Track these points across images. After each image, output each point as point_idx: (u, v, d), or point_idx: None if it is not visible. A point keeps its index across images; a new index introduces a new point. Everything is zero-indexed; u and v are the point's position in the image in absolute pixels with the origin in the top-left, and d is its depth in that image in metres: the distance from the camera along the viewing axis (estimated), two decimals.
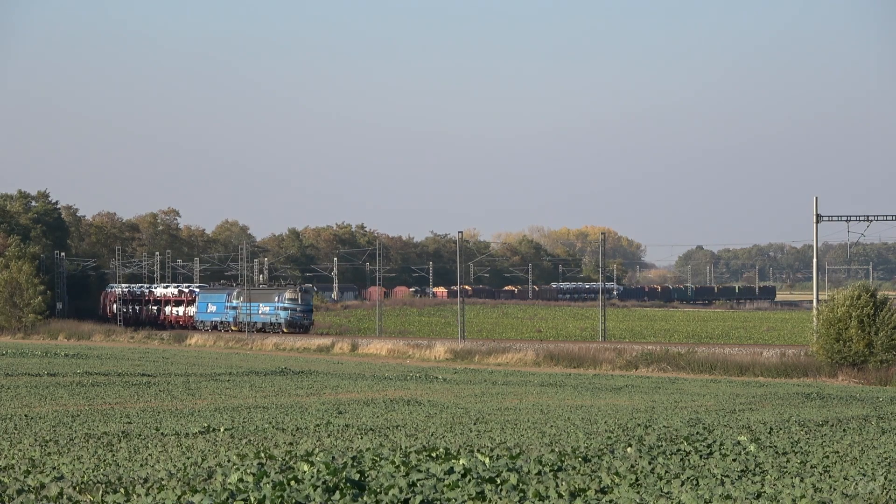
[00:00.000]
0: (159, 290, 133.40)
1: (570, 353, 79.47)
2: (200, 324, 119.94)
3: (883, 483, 22.04)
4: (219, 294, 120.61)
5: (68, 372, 60.05)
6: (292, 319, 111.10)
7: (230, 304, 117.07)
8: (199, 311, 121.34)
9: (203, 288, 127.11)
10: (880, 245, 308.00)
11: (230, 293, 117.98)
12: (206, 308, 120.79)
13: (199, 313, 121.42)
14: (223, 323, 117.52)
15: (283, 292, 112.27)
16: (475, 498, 20.05)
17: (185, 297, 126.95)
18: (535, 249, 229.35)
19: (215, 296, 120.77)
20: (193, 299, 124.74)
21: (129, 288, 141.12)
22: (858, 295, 66.24)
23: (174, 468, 23.85)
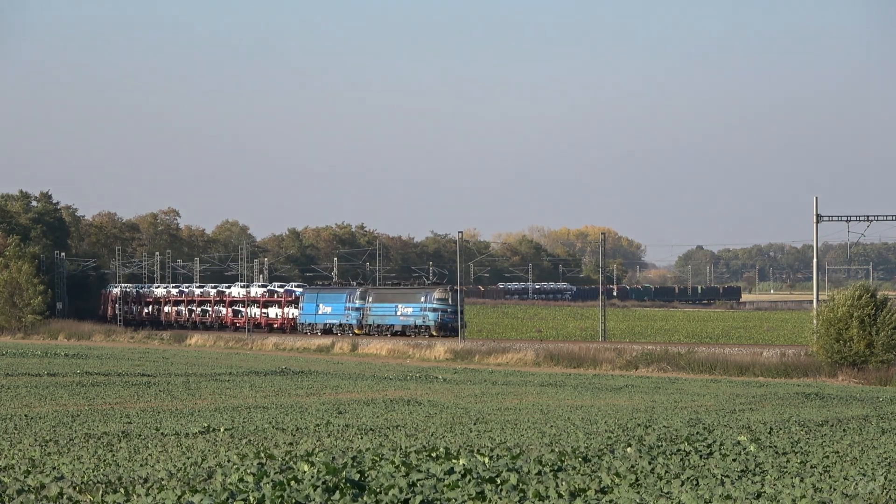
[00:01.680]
0: (235, 290, 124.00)
1: (570, 353, 79.47)
2: (307, 327, 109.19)
3: (883, 483, 22.03)
4: (335, 293, 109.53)
5: (68, 372, 60.04)
6: (443, 321, 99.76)
7: (352, 305, 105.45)
8: (305, 313, 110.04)
9: (308, 288, 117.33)
10: (880, 245, 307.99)
11: (352, 293, 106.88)
12: (314, 309, 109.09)
13: (304, 315, 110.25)
14: (342, 326, 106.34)
15: (431, 291, 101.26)
16: (475, 498, 20.04)
17: (278, 298, 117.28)
18: (535, 249, 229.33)
19: (330, 295, 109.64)
20: (293, 300, 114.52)
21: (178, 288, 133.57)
22: (859, 295, 66.23)
23: (174, 468, 23.85)
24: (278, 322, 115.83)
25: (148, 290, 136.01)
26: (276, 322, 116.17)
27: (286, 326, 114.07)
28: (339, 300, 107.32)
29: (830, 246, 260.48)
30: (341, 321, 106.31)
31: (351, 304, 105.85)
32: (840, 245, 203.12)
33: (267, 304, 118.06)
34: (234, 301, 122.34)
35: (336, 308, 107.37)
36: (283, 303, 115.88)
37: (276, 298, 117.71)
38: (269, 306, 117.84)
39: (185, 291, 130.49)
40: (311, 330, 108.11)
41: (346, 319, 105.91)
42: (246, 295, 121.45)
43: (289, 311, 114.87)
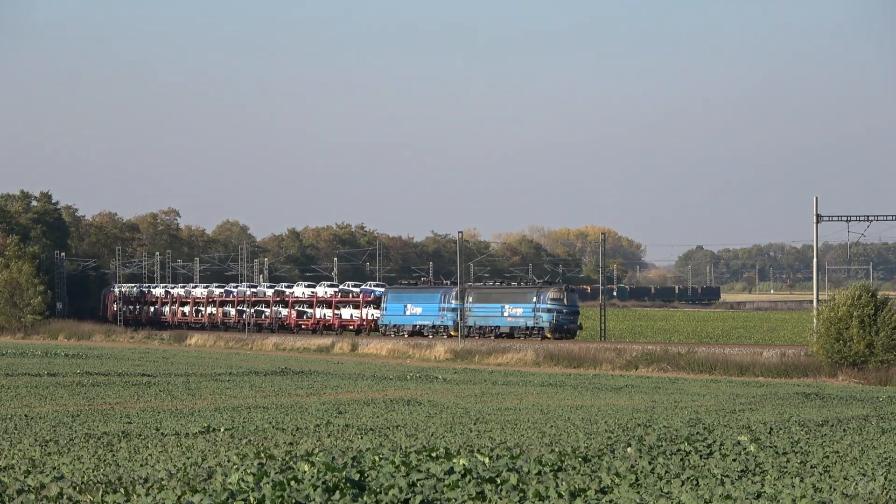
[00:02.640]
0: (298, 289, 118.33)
1: (570, 353, 79.48)
2: (391, 329, 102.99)
3: (883, 483, 22.04)
4: (426, 293, 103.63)
5: (68, 372, 60.05)
6: (559, 323, 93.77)
7: (448, 305, 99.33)
8: (388, 314, 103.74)
9: (391, 287, 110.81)
10: (880, 245, 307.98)
11: (447, 292, 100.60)
12: (402, 310, 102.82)
13: (386, 315, 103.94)
14: (435, 327, 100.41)
15: (544, 291, 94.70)
16: (475, 498, 20.05)
17: (353, 298, 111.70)
18: (535, 249, 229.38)
19: (420, 295, 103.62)
20: (372, 300, 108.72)
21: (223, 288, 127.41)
22: (859, 295, 66.25)
23: (174, 468, 23.85)
24: (354, 323, 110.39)
25: (184, 292, 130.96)
26: (351, 323, 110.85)
27: (364, 328, 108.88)
28: (432, 300, 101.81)
29: (830, 246, 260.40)
30: (434, 322, 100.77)
31: (446, 304, 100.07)
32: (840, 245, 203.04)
33: (340, 305, 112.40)
34: (298, 301, 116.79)
35: (428, 308, 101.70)
36: (360, 303, 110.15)
37: (350, 298, 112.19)
38: (342, 307, 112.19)
39: (232, 292, 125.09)
40: (396, 332, 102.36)
41: (440, 321, 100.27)
42: (313, 295, 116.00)
43: (367, 311, 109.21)
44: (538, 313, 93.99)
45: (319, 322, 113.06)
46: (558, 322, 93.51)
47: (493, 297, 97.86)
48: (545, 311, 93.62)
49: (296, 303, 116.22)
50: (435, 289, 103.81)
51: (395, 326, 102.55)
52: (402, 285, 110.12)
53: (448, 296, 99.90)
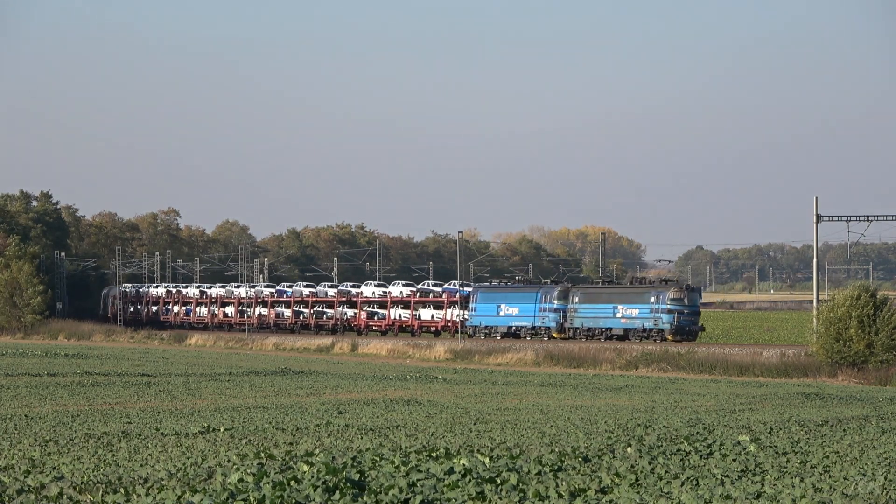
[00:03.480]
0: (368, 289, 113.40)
1: (570, 353, 79.50)
2: (482, 330, 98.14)
3: (883, 483, 22.04)
4: (523, 293, 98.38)
5: (68, 372, 60.05)
6: (680, 324, 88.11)
7: (549, 306, 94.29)
8: (478, 315, 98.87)
9: (480, 286, 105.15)
10: (880, 245, 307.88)
11: (548, 292, 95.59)
12: (494, 311, 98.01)
13: (476, 316, 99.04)
14: (534, 328, 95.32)
15: (664, 291, 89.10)
16: (475, 498, 20.05)
17: (435, 298, 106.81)
18: (535, 249, 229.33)
19: (516, 294, 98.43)
20: (458, 300, 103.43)
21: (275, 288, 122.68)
22: (858, 295, 66.27)
23: (174, 468, 23.85)
24: (438, 324, 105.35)
25: (225, 292, 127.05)
26: (434, 324, 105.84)
27: (449, 329, 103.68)
28: (530, 300, 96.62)
29: (830, 246, 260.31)
30: (534, 323, 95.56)
31: (547, 304, 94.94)
32: (840, 245, 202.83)
33: (418, 305, 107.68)
34: (368, 301, 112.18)
35: (525, 309, 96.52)
36: (444, 303, 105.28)
37: (431, 298, 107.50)
38: (421, 307, 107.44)
39: (285, 292, 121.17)
40: (487, 333, 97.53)
41: (540, 322, 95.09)
42: (385, 295, 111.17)
43: (452, 312, 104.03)
44: (658, 314, 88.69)
45: (394, 323, 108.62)
46: (680, 323, 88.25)
47: (603, 296, 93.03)
48: (665, 311, 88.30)
49: (365, 303, 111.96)
50: (533, 288, 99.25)
51: (487, 328, 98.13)
52: (492, 285, 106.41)
53: (549, 295, 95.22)
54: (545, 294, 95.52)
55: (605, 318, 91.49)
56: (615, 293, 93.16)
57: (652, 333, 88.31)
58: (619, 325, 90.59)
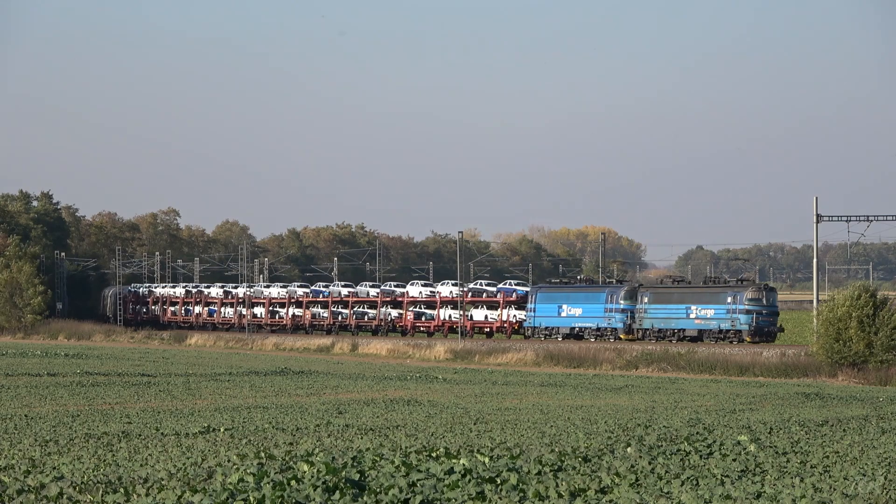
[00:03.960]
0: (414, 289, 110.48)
1: (570, 353, 79.53)
2: (542, 331, 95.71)
3: (883, 483, 22.04)
4: (587, 293, 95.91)
5: (68, 372, 60.06)
6: (759, 325, 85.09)
7: (616, 306, 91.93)
8: (538, 315, 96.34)
9: (540, 286, 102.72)
10: (880, 245, 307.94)
11: (614, 292, 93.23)
12: (555, 311, 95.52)
13: (536, 317, 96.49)
14: (600, 330, 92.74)
15: (741, 291, 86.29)
16: (475, 498, 20.05)
17: (489, 298, 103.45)
18: (535, 249, 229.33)
19: (579, 294, 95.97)
20: (516, 300, 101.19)
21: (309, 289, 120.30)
22: (858, 295, 66.30)
23: (174, 468, 23.85)
24: (491, 325, 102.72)
25: (253, 292, 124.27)
26: (488, 325, 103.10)
27: (504, 330, 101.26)
28: (595, 300, 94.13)
29: (830, 246, 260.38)
30: (599, 325, 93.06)
31: (614, 304, 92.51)
32: (840, 245, 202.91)
33: (471, 305, 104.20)
34: (415, 301, 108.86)
35: (590, 309, 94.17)
36: (499, 303, 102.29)
37: (484, 298, 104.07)
38: (473, 307, 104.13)
39: (322, 292, 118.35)
40: (548, 335, 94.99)
41: (606, 323, 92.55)
42: (433, 294, 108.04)
43: (508, 312, 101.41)
44: (735, 315, 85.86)
45: (444, 324, 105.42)
46: (759, 324, 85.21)
47: (675, 297, 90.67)
48: (743, 312, 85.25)
49: (412, 303, 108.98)
50: (598, 288, 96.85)
51: (547, 329, 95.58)
52: (553, 284, 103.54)
53: (616, 295, 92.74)
54: (611, 294, 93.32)
55: (677, 319, 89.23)
56: (688, 293, 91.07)
57: (729, 335, 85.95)
58: (693, 327, 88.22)
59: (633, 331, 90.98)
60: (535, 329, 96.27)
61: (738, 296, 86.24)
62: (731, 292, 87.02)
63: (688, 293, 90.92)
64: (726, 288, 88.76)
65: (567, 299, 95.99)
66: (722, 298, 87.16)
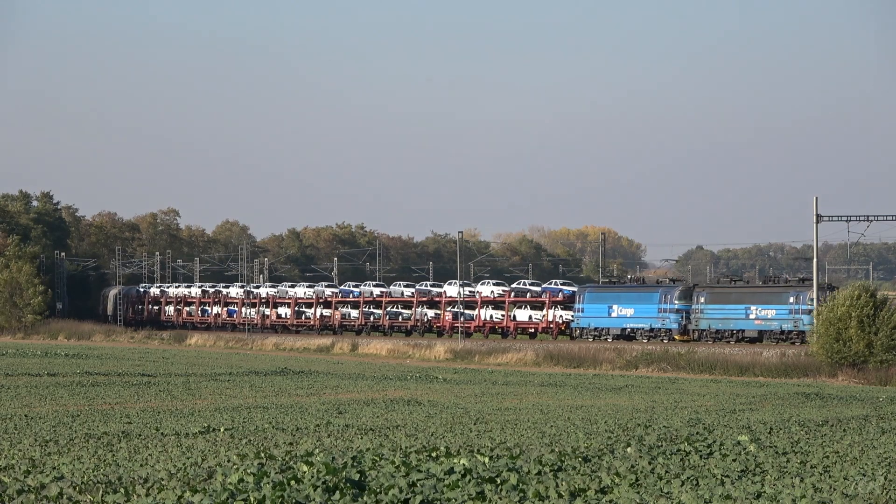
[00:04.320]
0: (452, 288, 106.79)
1: (570, 353, 79.54)
2: (591, 332, 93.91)
3: (883, 483, 22.04)
4: (639, 293, 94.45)
5: (68, 372, 60.07)
6: None
7: (670, 306, 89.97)
8: (587, 315, 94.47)
9: (588, 286, 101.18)
10: (880, 245, 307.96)
11: (667, 292, 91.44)
12: (605, 311, 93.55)
13: (584, 318, 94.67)
14: (654, 330, 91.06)
15: (803, 292, 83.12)
16: (475, 498, 20.04)
17: (534, 298, 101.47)
18: (535, 249, 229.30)
19: (630, 294, 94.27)
20: (562, 300, 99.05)
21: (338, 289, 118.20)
22: (858, 295, 66.32)
23: (174, 468, 23.85)
24: (536, 326, 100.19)
25: (276, 292, 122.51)
26: (532, 326, 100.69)
27: (551, 331, 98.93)
28: (648, 300, 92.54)
29: (830, 246, 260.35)
30: (652, 325, 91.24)
31: (668, 304, 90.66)
32: (840, 245, 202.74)
33: (514, 305, 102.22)
34: (453, 301, 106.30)
35: (642, 310, 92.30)
36: (545, 303, 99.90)
37: (528, 298, 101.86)
38: (516, 307, 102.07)
39: (352, 292, 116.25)
40: (596, 335, 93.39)
41: (660, 323, 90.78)
42: (474, 294, 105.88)
43: (554, 312, 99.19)
44: (798, 315, 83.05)
45: (485, 324, 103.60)
46: None
47: (733, 297, 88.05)
48: (806, 312, 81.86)
49: (450, 303, 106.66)
50: (651, 288, 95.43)
51: (596, 330, 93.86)
52: (601, 284, 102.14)
53: (670, 295, 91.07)
54: (665, 294, 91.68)
55: (735, 320, 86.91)
56: (748, 293, 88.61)
57: (791, 336, 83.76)
58: (753, 327, 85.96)
59: (688, 331, 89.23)
60: (583, 330, 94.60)
61: (800, 296, 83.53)
62: (794, 292, 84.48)
63: (747, 293, 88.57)
64: (788, 288, 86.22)
65: (618, 299, 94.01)
66: (784, 298, 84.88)
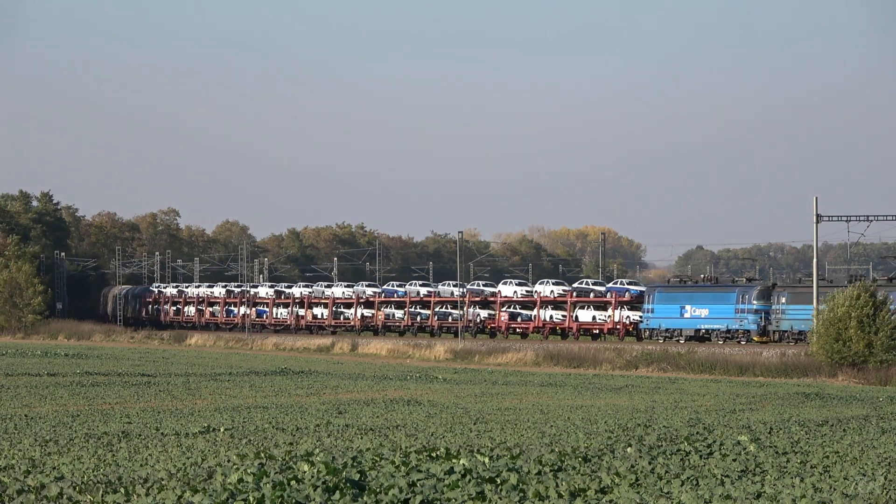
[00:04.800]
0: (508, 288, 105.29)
1: (570, 353, 79.53)
2: (660, 333, 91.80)
3: (883, 483, 22.04)
4: (714, 293, 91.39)
5: (68, 372, 60.07)
6: None
7: (748, 307, 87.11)
8: (657, 316, 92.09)
9: (657, 286, 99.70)
10: (880, 245, 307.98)
11: (745, 291, 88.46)
12: (677, 312, 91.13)
13: (654, 318, 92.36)
14: (730, 332, 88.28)
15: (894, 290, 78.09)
16: (475, 498, 20.04)
17: (599, 298, 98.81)
18: (535, 249, 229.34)
19: (706, 294, 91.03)
20: (629, 300, 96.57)
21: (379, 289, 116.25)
22: (858, 295, 66.32)
23: (174, 468, 23.85)
24: (603, 326, 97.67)
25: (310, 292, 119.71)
26: (596, 326, 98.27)
27: (616, 332, 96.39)
28: (724, 300, 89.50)
29: (830, 246, 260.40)
30: (729, 326, 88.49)
31: (746, 304, 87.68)
32: (840, 245, 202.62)
33: (576, 306, 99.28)
34: (509, 301, 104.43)
35: (718, 310, 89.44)
36: (611, 303, 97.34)
37: (592, 298, 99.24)
38: (580, 308, 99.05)
39: (396, 292, 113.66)
40: (667, 336, 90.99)
41: (737, 324, 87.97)
42: (532, 294, 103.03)
43: (621, 313, 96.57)
44: None
45: (545, 325, 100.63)
46: None
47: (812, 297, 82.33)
48: None
49: (505, 303, 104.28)
50: (728, 287, 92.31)
51: (668, 331, 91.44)
52: (672, 284, 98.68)
53: (748, 295, 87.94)
54: (743, 294, 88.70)
55: None
56: None
57: None
58: None
59: (768, 332, 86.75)
60: (653, 331, 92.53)
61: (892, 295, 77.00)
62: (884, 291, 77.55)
63: None
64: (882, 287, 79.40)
65: (691, 299, 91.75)
66: None
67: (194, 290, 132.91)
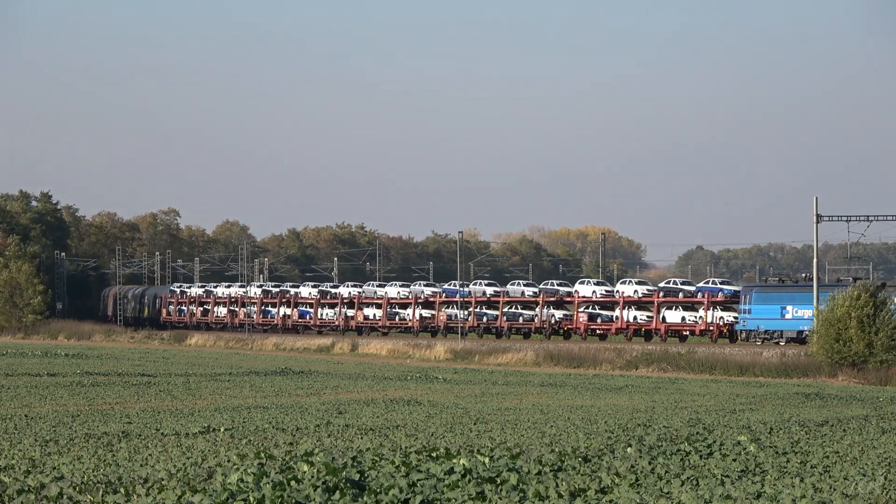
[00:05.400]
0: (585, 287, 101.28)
1: (570, 353, 79.52)
2: (759, 335, 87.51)
3: (883, 483, 22.04)
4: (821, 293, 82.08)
5: (68, 372, 60.07)
6: None
7: None
8: (755, 317, 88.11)
9: (755, 286, 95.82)
10: (880, 245, 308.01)
11: None
12: (778, 313, 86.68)
13: (752, 319, 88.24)
14: None
15: None
16: (475, 498, 20.04)
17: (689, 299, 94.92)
18: (535, 249, 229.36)
19: (809, 295, 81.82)
20: (722, 300, 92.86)
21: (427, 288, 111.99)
22: (858, 295, 66.30)
23: (174, 468, 23.85)
24: (695, 328, 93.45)
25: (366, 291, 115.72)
26: (686, 328, 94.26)
27: (709, 333, 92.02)
28: None
29: (830, 246, 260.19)
30: None
31: None
32: (840, 245, 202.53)
33: (664, 306, 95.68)
34: (588, 301, 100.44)
35: None
36: (704, 303, 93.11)
37: (681, 298, 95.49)
38: (667, 308, 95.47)
39: (459, 291, 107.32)
40: (767, 338, 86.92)
41: None
42: (613, 294, 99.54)
43: (713, 314, 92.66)
44: None
45: (628, 326, 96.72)
46: None
47: None
48: None
49: (583, 303, 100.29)
50: (832, 288, 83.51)
51: (767, 332, 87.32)
52: (770, 283, 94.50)
53: None
54: None
55: None
56: None
57: None
58: None
59: None
60: (751, 332, 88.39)
61: None
62: None
63: None
64: None
65: (793, 300, 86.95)
66: None
67: (224, 290, 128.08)
